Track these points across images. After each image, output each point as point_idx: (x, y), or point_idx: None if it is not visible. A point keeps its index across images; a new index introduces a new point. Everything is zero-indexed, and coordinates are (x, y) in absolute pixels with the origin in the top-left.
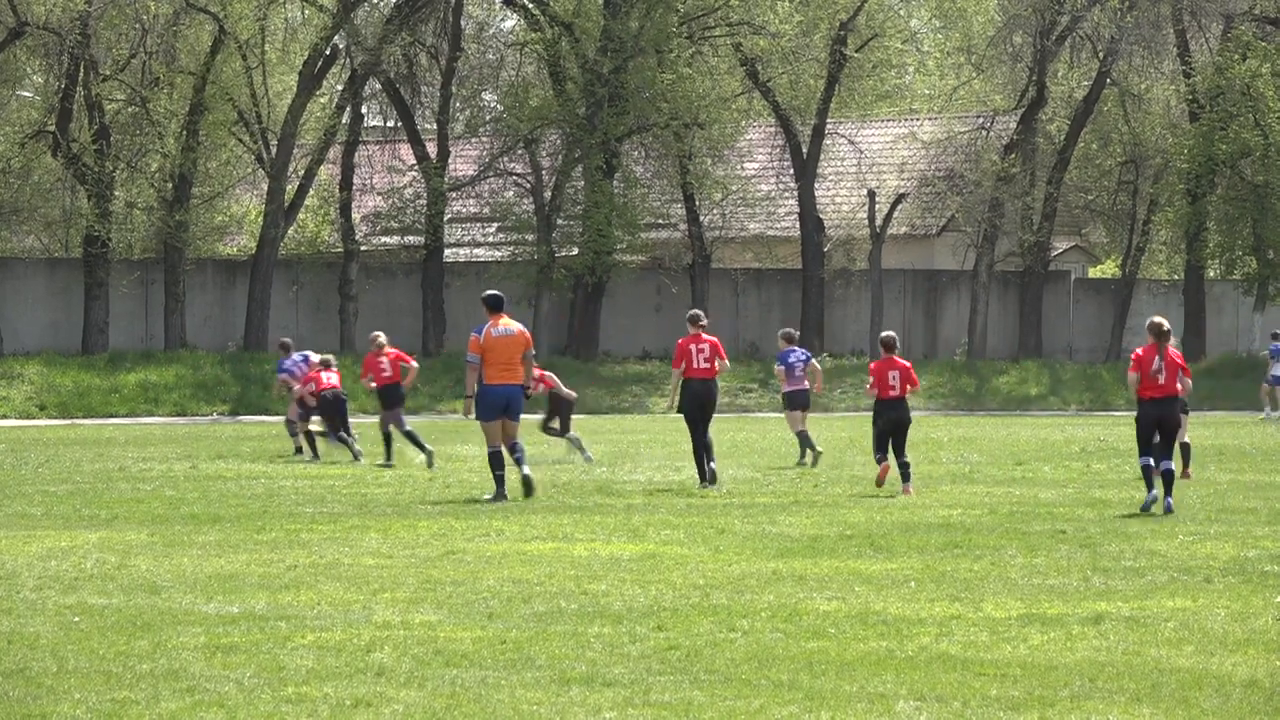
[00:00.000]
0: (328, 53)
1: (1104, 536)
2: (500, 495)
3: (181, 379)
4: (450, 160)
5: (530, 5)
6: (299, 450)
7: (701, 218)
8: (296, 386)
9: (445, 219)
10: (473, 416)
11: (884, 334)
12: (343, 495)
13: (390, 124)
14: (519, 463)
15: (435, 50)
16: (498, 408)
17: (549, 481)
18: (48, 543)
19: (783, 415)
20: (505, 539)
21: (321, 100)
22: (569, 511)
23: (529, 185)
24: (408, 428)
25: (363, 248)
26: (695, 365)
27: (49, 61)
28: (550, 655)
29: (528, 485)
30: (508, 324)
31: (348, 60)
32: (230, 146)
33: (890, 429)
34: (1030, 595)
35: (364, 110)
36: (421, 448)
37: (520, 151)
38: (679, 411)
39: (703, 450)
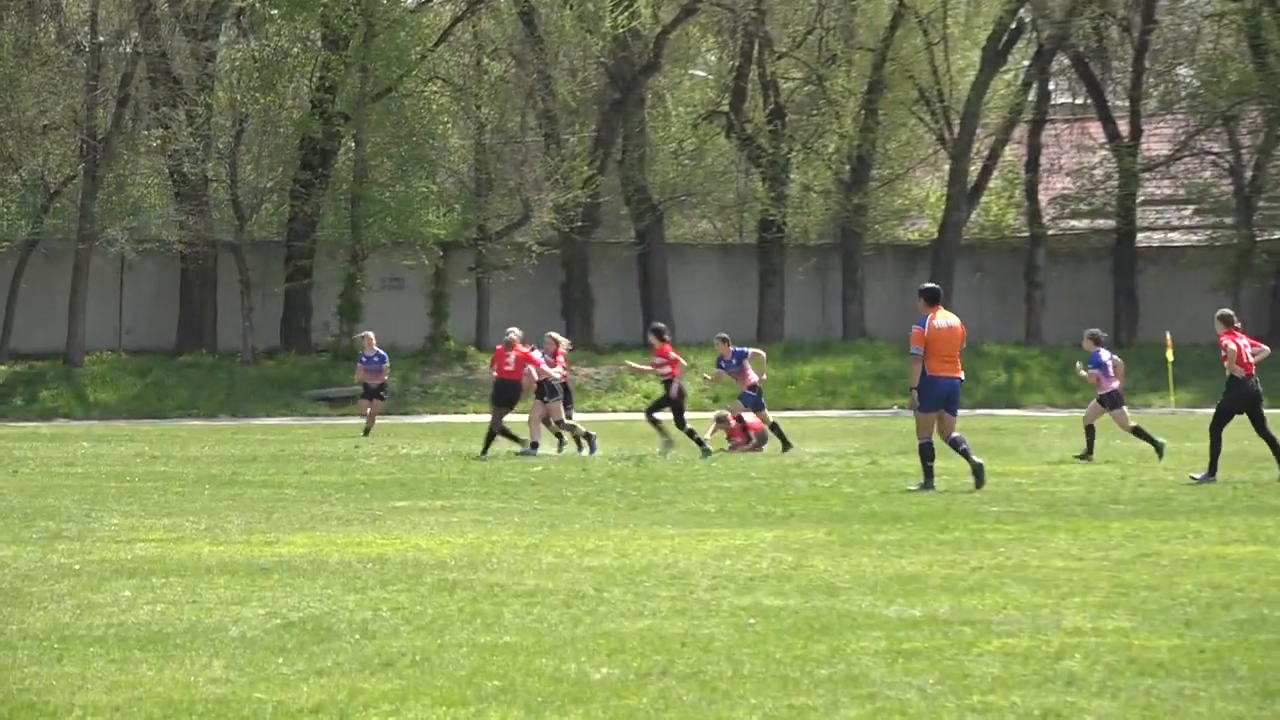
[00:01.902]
0: (1013, 26)
1: None
2: (928, 485)
3: (860, 370)
4: (1143, 139)
5: None
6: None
7: None
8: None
9: (1138, 201)
10: (918, 408)
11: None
12: (1029, 493)
13: (1079, 101)
14: (966, 454)
15: (1127, 22)
16: (940, 399)
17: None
18: (722, 541)
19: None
20: (1203, 541)
21: (1006, 76)
22: (1271, 513)
23: (1228, 165)
24: (502, 425)
25: (1050, 232)
26: (1245, 359)
27: (722, 39)
28: (1252, 666)
29: (979, 474)
30: (947, 316)
31: (1034, 34)
32: (910, 126)
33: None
34: None
35: (1051, 86)
36: (488, 445)
37: (1218, 129)
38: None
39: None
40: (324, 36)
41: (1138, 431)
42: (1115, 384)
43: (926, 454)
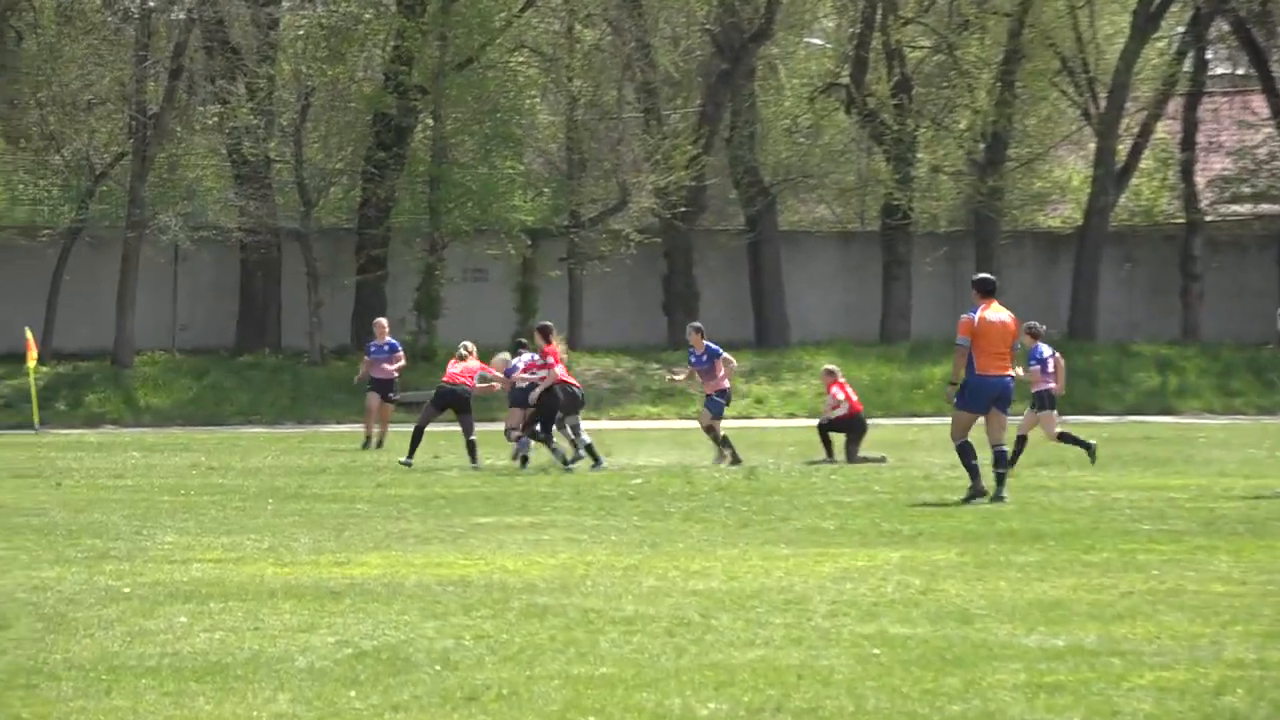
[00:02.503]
0: None
1: None
2: (975, 488)
3: None
4: None
5: None
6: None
7: None
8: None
9: None
10: (953, 403)
11: None
12: (1186, 510)
13: (1240, 71)
14: (1000, 479)
15: None
16: (989, 400)
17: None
18: (842, 562)
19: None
20: None
21: (1158, 44)
22: None
23: None
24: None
25: (1208, 218)
26: None
27: (842, 3)
28: None
29: (991, 496)
30: (999, 310)
31: None
32: (1052, 100)
33: None
34: None
35: (1209, 55)
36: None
37: None
38: None
39: None
40: (399, 1)
41: (1064, 437)
42: (1051, 384)
43: (967, 454)
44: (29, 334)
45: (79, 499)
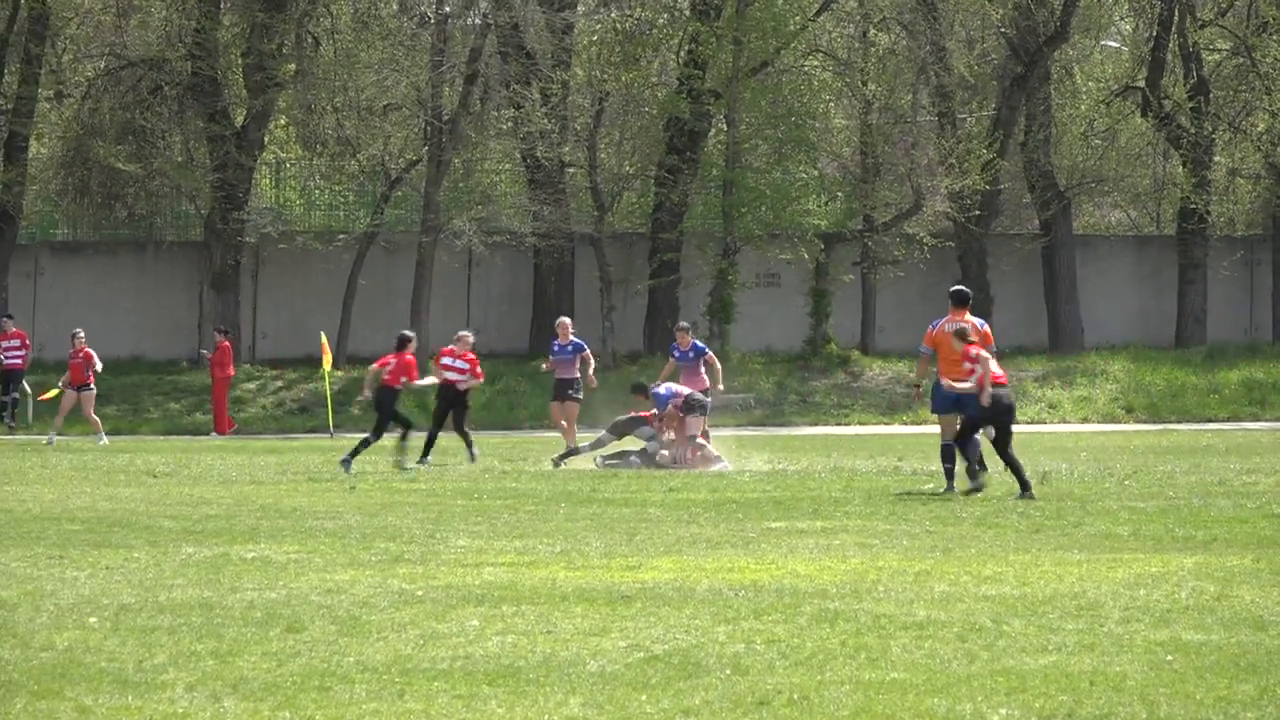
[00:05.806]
0: None
1: None
2: (949, 489)
3: None
4: None
5: None
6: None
7: None
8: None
9: None
10: (923, 405)
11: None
12: None
13: None
14: (969, 460)
15: None
16: (947, 403)
17: None
18: (1135, 568)
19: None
20: None
21: None
22: None
23: None
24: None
25: None
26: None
27: (1139, 5)
28: None
29: (963, 481)
30: (964, 321)
31: None
32: None
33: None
34: None
35: None
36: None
37: None
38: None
39: None
40: (693, 6)
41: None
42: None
43: (945, 456)
44: (324, 339)
45: (373, 503)
